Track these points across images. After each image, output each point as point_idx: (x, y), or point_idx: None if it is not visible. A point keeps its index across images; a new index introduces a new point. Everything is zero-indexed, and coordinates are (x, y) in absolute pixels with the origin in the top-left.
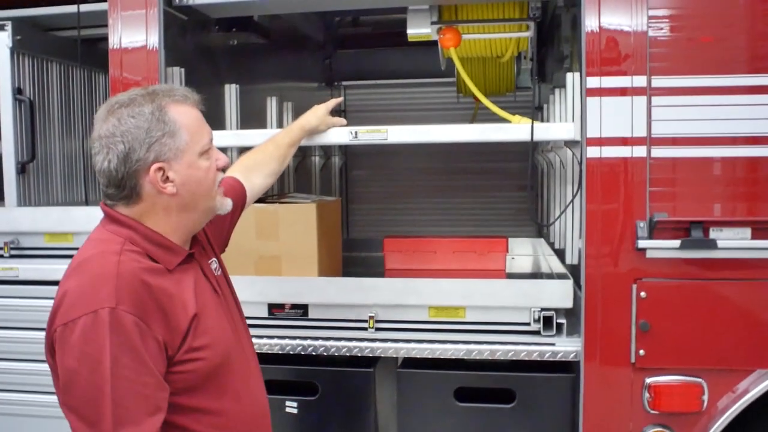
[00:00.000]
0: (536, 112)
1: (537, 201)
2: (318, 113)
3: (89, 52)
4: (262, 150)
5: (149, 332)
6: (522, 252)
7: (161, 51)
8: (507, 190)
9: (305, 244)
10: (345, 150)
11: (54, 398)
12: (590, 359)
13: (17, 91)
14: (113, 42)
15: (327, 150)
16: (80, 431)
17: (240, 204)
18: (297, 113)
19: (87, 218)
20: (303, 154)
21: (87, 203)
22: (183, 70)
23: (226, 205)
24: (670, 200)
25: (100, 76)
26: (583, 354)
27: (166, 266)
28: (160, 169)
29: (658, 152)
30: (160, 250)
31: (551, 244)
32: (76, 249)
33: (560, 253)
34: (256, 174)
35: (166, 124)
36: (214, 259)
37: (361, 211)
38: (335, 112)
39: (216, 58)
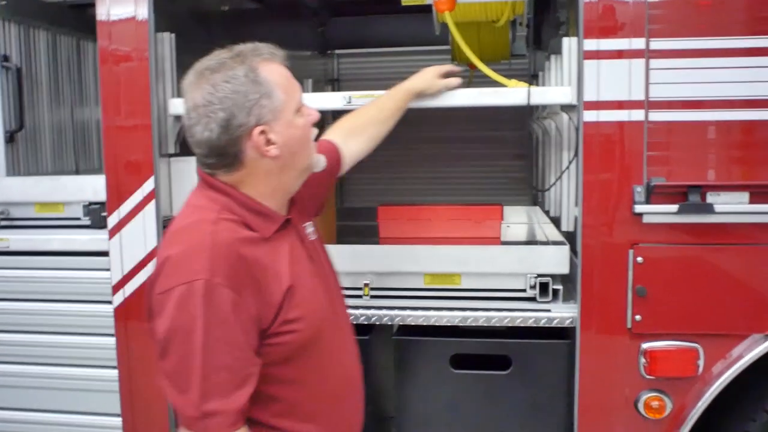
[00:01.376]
0: (532, 79)
1: (533, 168)
2: (426, 76)
3: (77, 18)
4: (362, 113)
5: (242, 305)
6: (517, 220)
7: (151, 18)
8: (502, 159)
9: None
10: (338, 118)
11: (50, 370)
12: (586, 325)
13: (3, 59)
14: (101, 13)
15: (321, 117)
16: (172, 396)
17: (335, 169)
18: None
19: (78, 187)
20: None
21: (78, 172)
22: (173, 35)
23: (321, 162)
24: (667, 165)
25: (89, 44)
26: (579, 320)
27: (262, 234)
28: (262, 132)
29: (656, 116)
30: (257, 218)
31: (547, 212)
32: (68, 219)
33: (556, 221)
34: (354, 138)
35: (261, 85)
36: (311, 222)
37: (355, 180)
38: (330, 80)
39: (208, 23)
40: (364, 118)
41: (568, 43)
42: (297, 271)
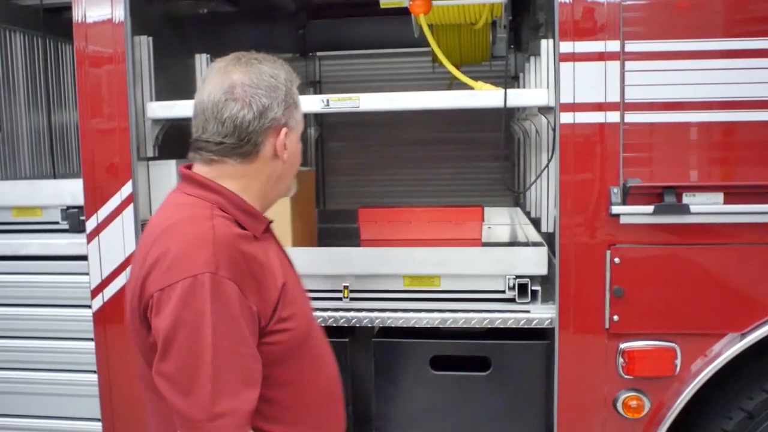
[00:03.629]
0: (513, 81)
1: (514, 170)
2: None
3: (53, 21)
4: None
5: (245, 301)
6: (499, 221)
7: (127, 21)
8: (484, 161)
9: (278, 215)
10: (321, 121)
11: (29, 375)
12: (564, 326)
13: None
14: (77, 15)
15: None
16: (173, 399)
17: None
18: None
19: (55, 192)
20: None
21: (55, 176)
22: (150, 39)
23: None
24: (644, 166)
25: (67, 47)
26: (557, 321)
27: (253, 233)
28: (286, 134)
29: (632, 117)
30: (246, 217)
31: (527, 213)
32: (46, 223)
33: (536, 222)
34: None
35: (295, 95)
36: None
37: (338, 183)
38: (311, 83)
39: (186, 27)
40: None
41: (546, 45)
42: (285, 270)
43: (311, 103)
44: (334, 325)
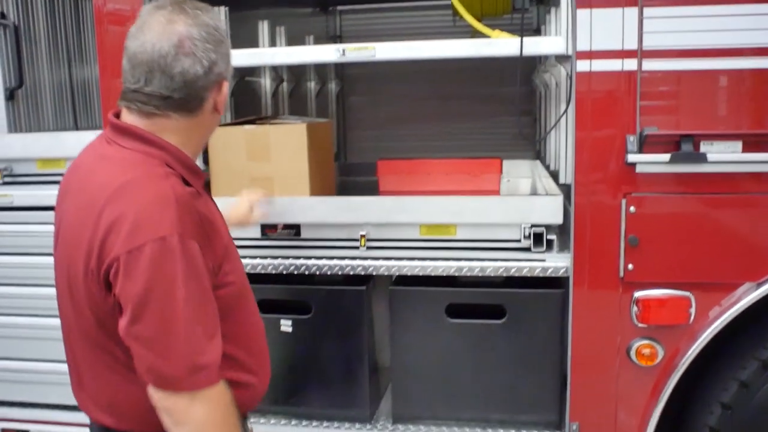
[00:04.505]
0: (534, 34)
1: (535, 125)
2: (241, 209)
3: None
4: None
5: (203, 259)
6: (518, 174)
7: None
8: (505, 115)
9: (296, 165)
10: (341, 75)
11: (55, 321)
12: (579, 275)
13: (0, 16)
14: None
15: (322, 75)
16: (150, 359)
17: None
18: (290, 38)
19: (78, 143)
20: (297, 79)
21: (77, 128)
22: None
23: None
24: (661, 114)
25: (87, 2)
26: (572, 269)
27: (197, 189)
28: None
29: (650, 65)
30: (190, 173)
31: (547, 167)
32: None
33: (555, 175)
34: None
35: (230, 48)
36: None
37: (359, 138)
38: (332, 37)
39: None
40: None
41: None
42: (225, 225)
43: (327, 53)
44: (351, 273)
